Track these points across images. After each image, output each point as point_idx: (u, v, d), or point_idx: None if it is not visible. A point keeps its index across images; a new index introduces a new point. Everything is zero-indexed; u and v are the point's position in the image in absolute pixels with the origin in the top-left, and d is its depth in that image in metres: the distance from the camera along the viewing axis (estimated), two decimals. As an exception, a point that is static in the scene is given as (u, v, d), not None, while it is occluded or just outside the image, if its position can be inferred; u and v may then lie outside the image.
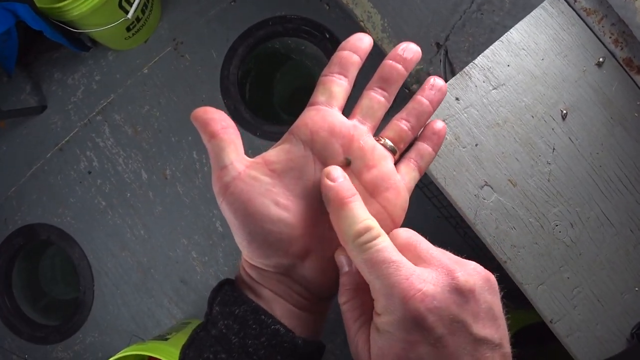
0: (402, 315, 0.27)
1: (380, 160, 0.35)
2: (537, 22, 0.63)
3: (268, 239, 0.32)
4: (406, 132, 0.36)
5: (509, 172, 0.61)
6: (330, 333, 1.43)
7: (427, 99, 0.37)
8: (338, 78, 0.35)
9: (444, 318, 0.27)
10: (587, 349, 0.62)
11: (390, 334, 0.28)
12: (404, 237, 0.31)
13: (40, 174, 1.57)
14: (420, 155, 0.37)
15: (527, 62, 0.62)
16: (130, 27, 1.41)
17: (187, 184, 1.51)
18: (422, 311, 0.27)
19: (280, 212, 0.32)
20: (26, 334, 1.56)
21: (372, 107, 0.36)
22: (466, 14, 0.98)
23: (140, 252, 1.52)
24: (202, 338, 0.33)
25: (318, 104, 0.35)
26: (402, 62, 0.36)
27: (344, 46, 0.36)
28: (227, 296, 0.33)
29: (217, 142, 0.32)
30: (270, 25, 1.47)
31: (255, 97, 1.58)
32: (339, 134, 0.34)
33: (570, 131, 0.62)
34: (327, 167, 0.33)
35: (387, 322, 0.28)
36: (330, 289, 0.35)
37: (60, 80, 1.57)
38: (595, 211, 0.62)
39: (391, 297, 0.28)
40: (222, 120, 0.33)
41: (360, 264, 0.29)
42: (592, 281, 0.62)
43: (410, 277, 0.28)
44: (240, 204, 0.32)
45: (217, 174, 0.33)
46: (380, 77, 0.36)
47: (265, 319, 0.32)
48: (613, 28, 0.63)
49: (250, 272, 0.34)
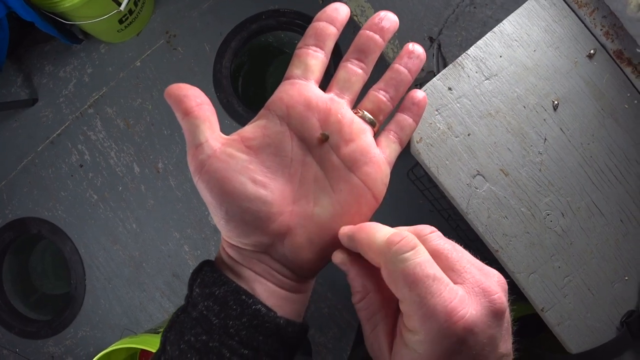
0: (439, 339, 0.26)
1: (358, 134, 0.34)
2: (529, 13, 0.63)
3: (246, 217, 0.31)
4: (385, 102, 0.35)
5: (501, 162, 0.62)
6: (323, 326, 1.43)
7: (405, 67, 0.35)
8: (314, 50, 0.34)
9: (479, 341, 0.26)
10: (577, 338, 0.62)
11: (421, 354, 0.26)
12: (434, 244, 0.29)
13: (31, 167, 1.56)
14: (401, 127, 0.36)
15: (520, 53, 0.63)
16: (123, 20, 1.40)
17: (180, 177, 1.51)
18: (463, 336, 0.25)
19: (258, 189, 0.31)
20: (17, 328, 1.55)
21: (349, 80, 0.35)
22: (459, 7, 0.98)
23: (132, 246, 1.52)
24: (183, 320, 0.32)
25: (294, 78, 0.34)
26: (379, 31, 0.34)
27: (319, 17, 0.35)
28: (207, 277, 0.33)
29: (191, 120, 0.31)
30: (263, 18, 1.47)
31: (248, 91, 1.58)
32: (316, 107, 0.33)
33: (561, 122, 0.62)
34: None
35: (419, 342, 0.26)
36: (312, 268, 0.34)
37: (51, 73, 1.56)
38: (586, 201, 0.62)
39: (431, 319, 0.26)
40: (197, 97, 0.32)
41: (397, 277, 0.27)
42: (583, 270, 0.62)
43: (453, 300, 0.26)
44: (216, 182, 0.31)
45: (192, 152, 0.32)
46: (357, 48, 0.35)
47: (246, 299, 0.31)
48: (604, 20, 0.63)
49: (230, 252, 0.34)
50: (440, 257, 0.28)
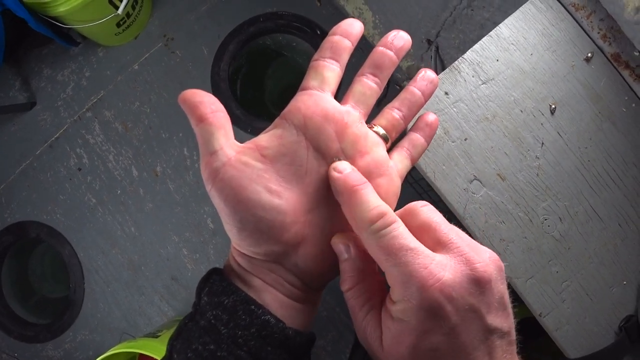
0: (418, 304, 0.27)
1: (373, 147, 0.34)
2: (526, 17, 0.63)
3: (259, 226, 0.31)
4: (398, 121, 0.36)
5: (498, 167, 0.61)
6: (322, 329, 1.43)
7: (419, 90, 0.37)
8: (330, 63, 0.34)
9: (460, 308, 0.27)
10: (575, 343, 0.62)
11: (405, 322, 0.28)
12: (424, 217, 0.31)
13: (30, 171, 1.56)
14: (413, 144, 0.37)
15: (516, 57, 0.63)
16: (121, 23, 1.39)
17: (178, 180, 1.50)
18: (440, 300, 0.27)
19: (272, 199, 0.31)
20: (16, 332, 1.54)
21: (364, 93, 0.35)
22: (457, 10, 0.98)
23: (130, 249, 1.52)
24: (190, 329, 0.32)
25: (310, 89, 0.34)
26: (394, 49, 0.35)
27: (335, 31, 0.35)
28: (215, 286, 0.32)
29: (206, 127, 0.31)
30: (261, 21, 1.46)
31: (246, 94, 1.58)
32: (332, 119, 0.33)
33: (558, 126, 0.62)
34: (333, 163, 0.33)
35: (402, 310, 0.28)
36: (322, 279, 0.34)
37: (49, 77, 1.56)
38: (584, 205, 0.62)
39: (409, 286, 0.27)
40: (212, 104, 0.32)
41: (376, 251, 0.29)
42: (581, 275, 0.62)
43: (429, 265, 0.27)
44: (230, 190, 0.31)
45: (206, 160, 0.32)
46: (372, 63, 0.35)
47: (255, 309, 0.31)
48: (601, 23, 0.63)
49: (240, 261, 0.34)
50: (429, 229, 0.30)
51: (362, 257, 0.32)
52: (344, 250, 0.32)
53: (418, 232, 0.30)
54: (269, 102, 1.65)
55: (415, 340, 0.27)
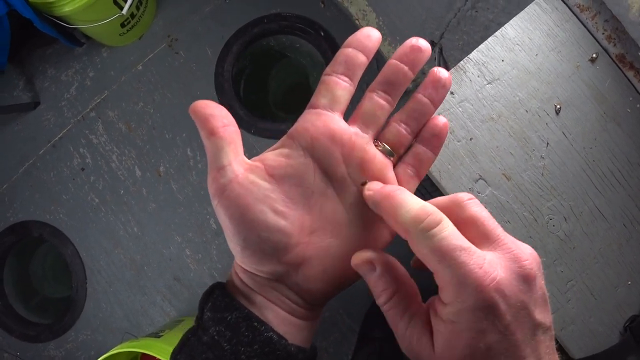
0: (473, 304, 0.26)
1: (381, 170, 0.34)
2: (531, 18, 0.63)
3: (263, 247, 0.31)
4: (405, 136, 0.35)
5: (503, 166, 0.62)
6: (324, 331, 1.43)
7: (428, 98, 0.34)
8: (343, 80, 0.33)
9: (512, 306, 0.27)
10: (580, 343, 0.62)
11: (459, 324, 0.27)
12: (472, 211, 0.30)
13: (33, 170, 1.56)
14: (419, 160, 0.35)
15: (522, 57, 0.63)
16: (125, 24, 1.40)
17: (181, 181, 1.51)
18: (496, 299, 0.26)
19: (278, 220, 0.31)
20: (18, 332, 1.54)
21: (374, 113, 0.34)
22: (461, 11, 0.98)
23: (133, 249, 1.52)
24: (193, 344, 0.32)
25: (320, 107, 0.33)
26: (410, 63, 0.33)
27: (350, 42, 0.33)
28: (218, 301, 0.32)
29: (216, 141, 0.31)
30: (265, 22, 1.47)
31: (249, 95, 1.58)
32: (340, 141, 0.33)
33: (564, 126, 0.62)
34: (364, 185, 0.32)
35: (455, 312, 0.27)
36: (323, 297, 0.34)
37: (53, 77, 1.56)
38: (589, 205, 0.62)
39: (464, 287, 0.26)
40: (224, 118, 0.31)
41: (427, 253, 0.27)
42: (586, 275, 0.62)
43: (483, 265, 0.27)
44: (236, 208, 0.30)
45: (213, 175, 0.31)
46: (385, 79, 0.34)
47: (258, 326, 0.31)
48: (606, 24, 0.63)
49: (243, 277, 0.34)
50: (476, 223, 0.29)
51: (390, 268, 0.31)
52: (368, 269, 0.31)
53: (463, 226, 0.29)
54: (272, 103, 1.65)
55: (471, 341, 0.27)
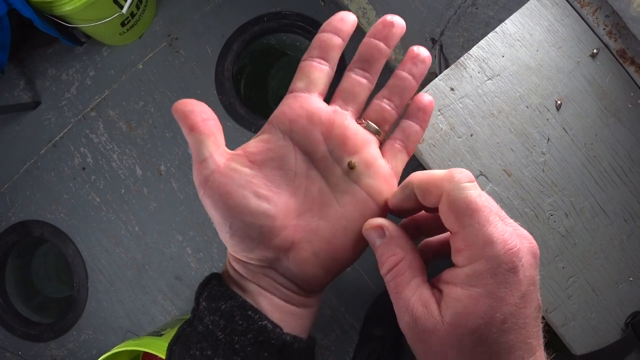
0: (496, 266, 0.26)
1: (363, 146, 0.33)
2: (531, 13, 0.63)
3: (249, 231, 0.31)
4: (389, 111, 0.35)
5: (504, 162, 0.62)
6: (326, 328, 1.43)
7: (409, 74, 0.34)
8: (318, 62, 0.34)
9: (527, 277, 0.27)
10: (582, 339, 0.62)
11: (477, 289, 0.26)
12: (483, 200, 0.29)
13: (34, 170, 1.56)
14: (406, 134, 0.35)
15: (522, 53, 0.63)
16: (125, 23, 1.40)
17: (182, 179, 1.51)
18: (517, 264, 0.26)
19: (261, 204, 0.31)
20: (19, 331, 1.55)
21: (353, 90, 0.34)
22: (461, 8, 0.98)
23: (134, 248, 1.52)
24: (189, 334, 0.32)
25: (297, 91, 0.34)
26: (384, 39, 0.34)
27: (324, 28, 0.34)
28: (213, 291, 0.33)
29: (196, 135, 0.32)
30: (265, 21, 1.47)
31: (250, 93, 1.58)
32: (318, 120, 0.33)
33: (564, 122, 0.62)
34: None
35: (474, 275, 0.27)
36: (318, 282, 0.34)
37: (54, 76, 1.56)
38: (590, 201, 0.62)
39: (490, 246, 0.26)
40: (203, 113, 0.32)
41: (459, 205, 0.27)
42: (587, 271, 0.62)
43: (507, 232, 0.27)
44: (219, 197, 0.31)
45: (196, 167, 0.32)
46: (360, 57, 0.34)
47: (252, 314, 0.31)
48: (607, 20, 0.63)
49: (236, 266, 0.34)
50: None
51: (400, 237, 0.31)
52: (377, 236, 0.31)
53: None
54: (272, 102, 1.65)
55: (489, 309, 0.26)
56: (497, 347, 0.26)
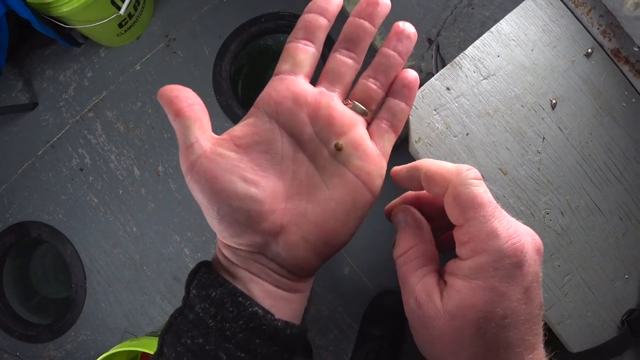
0: (499, 259, 0.26)
1: (350, 127, 0.33)
2: (526, 13, 0.64)
3: (237, 216, 0.30)
4: (375, 90, 0.34)
5: (499, 161, 0.62)
6: (324, 329, 1.43)
7: (394, 51, 0.34)
8: (304, 44, 0.33)
9: (531, 273, 0.27)
10: (578, 336, 0.62)
11: (478, 282, 0.27)
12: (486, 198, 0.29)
13: (32, 171, 1.56)
14: (392, 113, 0.35)
15: (517, 52, 0.63)
16: (123, 24, 1.40)
17: (180, 180, 1.51)
18: (521, 259, 0.26)
19: (248, 188, 0.31)
20: (17, 332, 1.55)
21: (338, 71, 0.33)
22: (457, 8, 0.98)
23: (132, 249, 1.52)
24: (180, 323, 0.31)
25: (282, 73, 0.33)
26: (368, 17, 0.33)
27: (309, 8, 0.33)
28: (203, 278, 0.32)
29: (182, 120, 0.31)
30: (262, 22, 1.47)
31: (247, 94, 1.58)
32: (304, 102, 0.32)
33: (559, 121, 0.62)
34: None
35: (477, 267, 0.27)
36: (308, 267, 0.33)
37: (51, 77, 1.57)
38: (585, 199, 0.62)
39: (493, 239, 0.26)
40: (188, 98, 0.32)
41: (464, 200, 0.28)
42: (583, 269, 0.62)
43: (512, 227, 0.27)
44: (205, 182, 0.30)
45: (183, 153, 0.31)
46: (345, 37, 0.33)
47: (242, 300, 0.30)
48: (601, 19, 0.64)
49: (226, 253, 0.33)
50: None
51: (418, 224, 0.32)
52: (402, 219, 0.32)
53: None
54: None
55: (489, 304, 0.26)
56: (495, 342, 0.26)
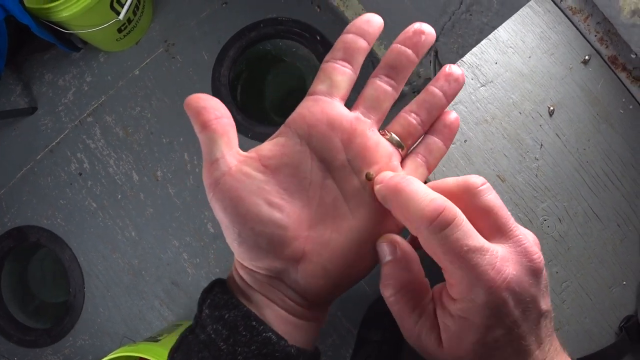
0: (484, 303, 0.26)
1: (384, 158, 0.32)
2: (524, 20, 0.64)
3: (259, 240, 0.29)
4: (415, 126, 0.33)
5: (497, 168, 0.62)
6: (323, 334, 1.43)
7: (441, 91, 0.33)
8: (341, 65, 0.31)
9: (522, 301, 0.27)
10: (576, 343, 0.62)
11: (468, 320, 0.27)
12: (485, 200, 0.29)
13: (30, 175, 1.56)
14: (429, 150, 0.34)
15: (515, 60, 0.63)
16: (122, 29, 1.41)
17: (179, 185, 1.51)
18: (506, 298, 0.26)
19: (272, 212, 0.29)
20: (15, 337, 1.54)
21: (377, 98, 0.32)
22: (455, 15, 0.99)
23: (131, 254, 1.52)
24: (190, 342, 0.31)
25: (317, 94, 0.32)
26: (413, 46, 0.32)
27: (349, 29, 0.32)
28: (217, 299, 0.31)
29: (208, 134, 0.30)
30: (261, 27, 1.48)
31: (246, 99, 1.59)
32: (339, 127, 0.31)
33: (557, 127, 0.63)
34: (370, 180, 0.31)
35: (465, 309, 0.27)
36: (325, 296, 0.32)
37: (51, 82, 1.57)
38: (583, 206, 0.62)
39: (476, 287, 0.26)
40: (216, 110, 0.31)
41: (439, 253, 0.27)
42: (581, 275, 0.62)
43: (496, 265, 0.26)
44: (229, 202, 0.29)
45: (207, 168, 0.30)
46: (387, 64, 0.32)
47: (256, 325, 0.29)
48: (598, 27, 0.64)
49: (242, 274, 0.32)
50: (490, 213, 0.28)
51: (410, 260, 0.30)
52: (388, 252, 0.30)
53: (475, 214, 0.28)
54: (269, 107, 1.66)
55: (480, 336, 0.27)
56: None
